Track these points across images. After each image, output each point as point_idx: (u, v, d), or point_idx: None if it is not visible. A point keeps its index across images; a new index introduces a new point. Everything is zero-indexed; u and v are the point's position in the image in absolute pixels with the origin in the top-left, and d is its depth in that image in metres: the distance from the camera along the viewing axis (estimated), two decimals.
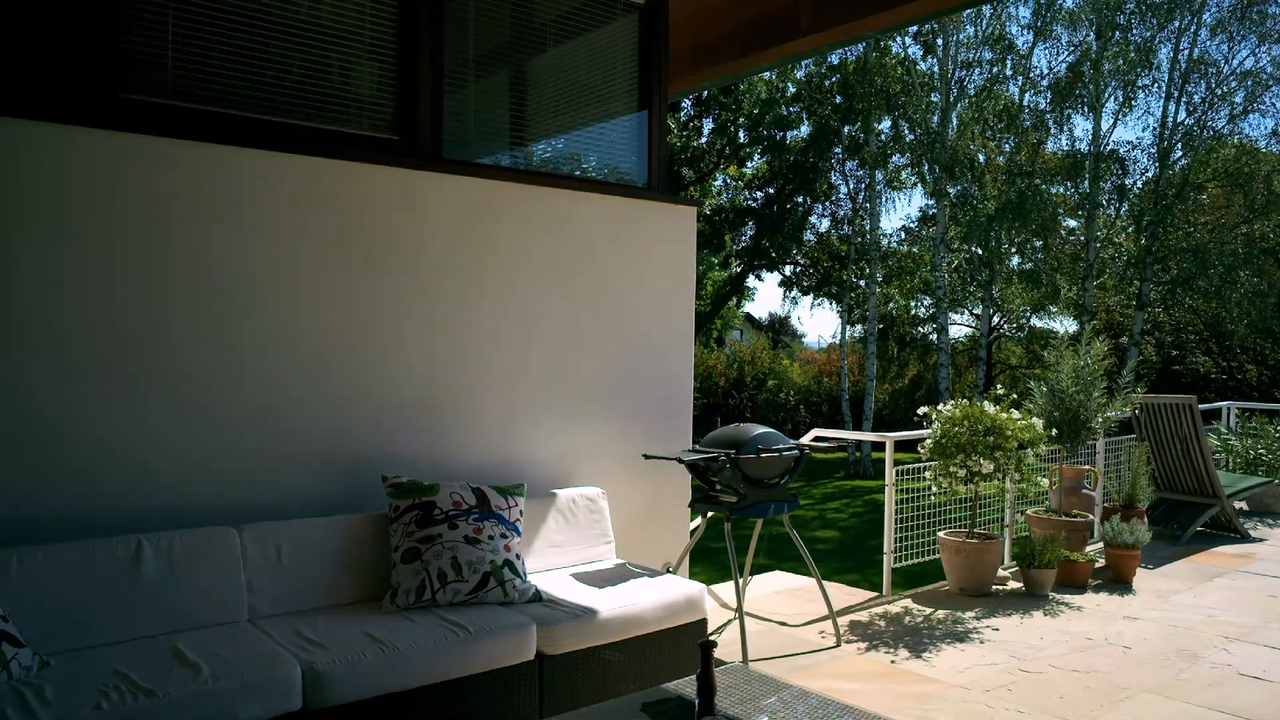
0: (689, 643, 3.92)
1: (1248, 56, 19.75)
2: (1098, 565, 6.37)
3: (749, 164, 27.11)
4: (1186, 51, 19.94)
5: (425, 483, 3.81)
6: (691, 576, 4.94)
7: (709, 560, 10.97)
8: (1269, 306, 22.00)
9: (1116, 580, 6.16)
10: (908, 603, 5.66)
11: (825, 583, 5.35)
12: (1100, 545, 6.49)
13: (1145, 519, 6.81)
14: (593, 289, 4.87)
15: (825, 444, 5.62)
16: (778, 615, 5.38)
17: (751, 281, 30.27)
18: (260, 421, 3.80)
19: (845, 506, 18.88)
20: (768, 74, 23.91)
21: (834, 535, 15.79)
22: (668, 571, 4.38)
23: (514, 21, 4.92)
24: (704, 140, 26.03)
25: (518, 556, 3.82)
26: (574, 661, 3.60)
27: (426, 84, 4.32)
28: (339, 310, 4.00)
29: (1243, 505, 8.53)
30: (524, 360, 4.59)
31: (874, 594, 5.89)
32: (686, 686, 2.89)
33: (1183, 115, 20.25)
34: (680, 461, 4.54)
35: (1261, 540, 7.48)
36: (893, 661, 4.61)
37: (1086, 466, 6.99)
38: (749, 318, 43.23)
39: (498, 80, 4.98)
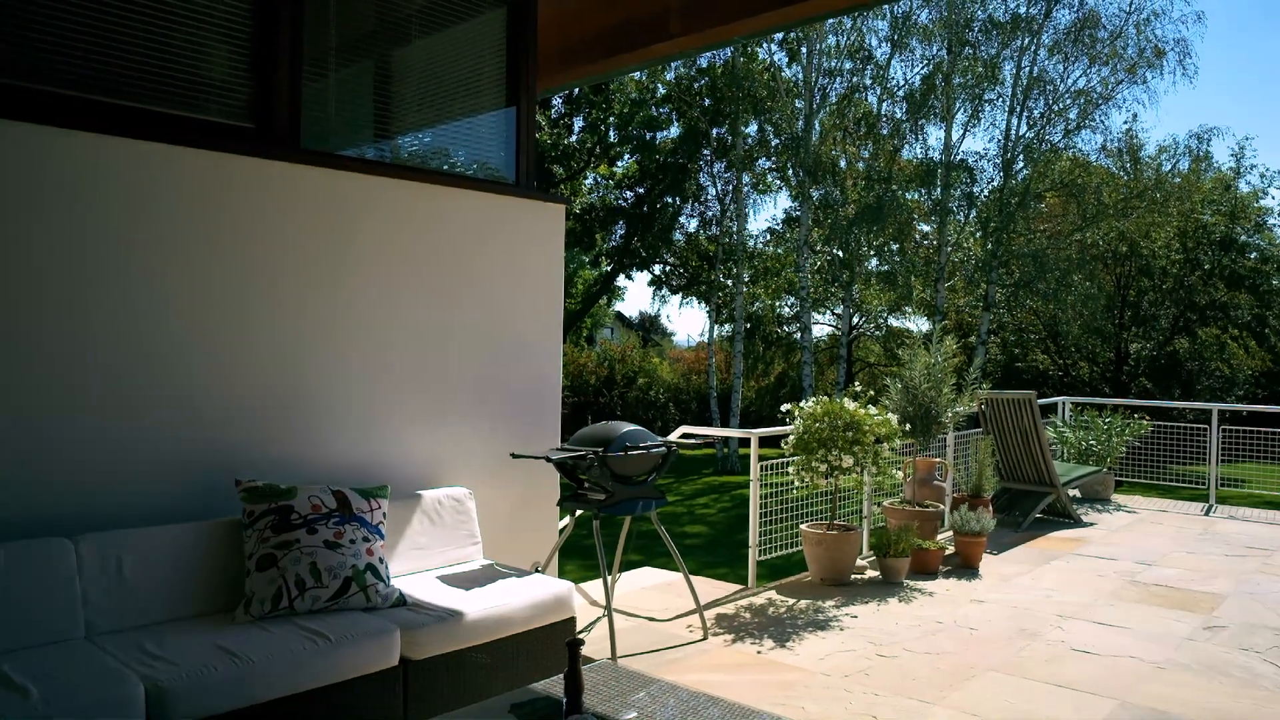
0: (558, 642, 3.91)
1: (1080, 76, 21.24)
2: (948, 552, 6.71)
3: (619, 163, 27.28)
4: (1028, 69, 21.27)
5: (282, 486, 3.66)
6: (562, 575, 4.93)
7: (580, 558, 10.99)
8: (1099, 308, 23.74)
9: (965, 566, 6.51)
10: (772, 594, 5.81)
11: (694, 577, 5.44)
12: (950, 533, 6.84)
13: (990, 507, 7.22)
14: (460, 286, 4.79)
15: (692, 441, 5.71)
16: (647, 611, 5.43)
17: (622, 280, 30.49)
18: (100, 422, 3.56)
19: (714, 502, 19.25)
20: (638, 74, 24.12)
21: (703, 530, 16.08)
22: (536, 571, 4.36)
23: (379, 9, 4.79)
24: (575, 138, 26.03)
25: (381, 560, 3.72)
26: (440, 665, 3.53)
27: (285, 69, 4.15)
28: (188, 306, 3.79)
29: (1076, 492, 9.17)
30: (388, 358, 4.47)
31: (740, 587, 6.03)
32: (555, 686, 2.88)
33: (1024, 129, 21.60)
34: (548, 460, 4.52)
35: (1092, 525, 8.06)
36: (759, 652, 4.73)
37: (937, 459, 7.36)
38: (619, 316, 43.51)
39: (362, 69, 4.83)
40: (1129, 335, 26.49)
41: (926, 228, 23.45)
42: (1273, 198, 26.41)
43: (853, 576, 6.15)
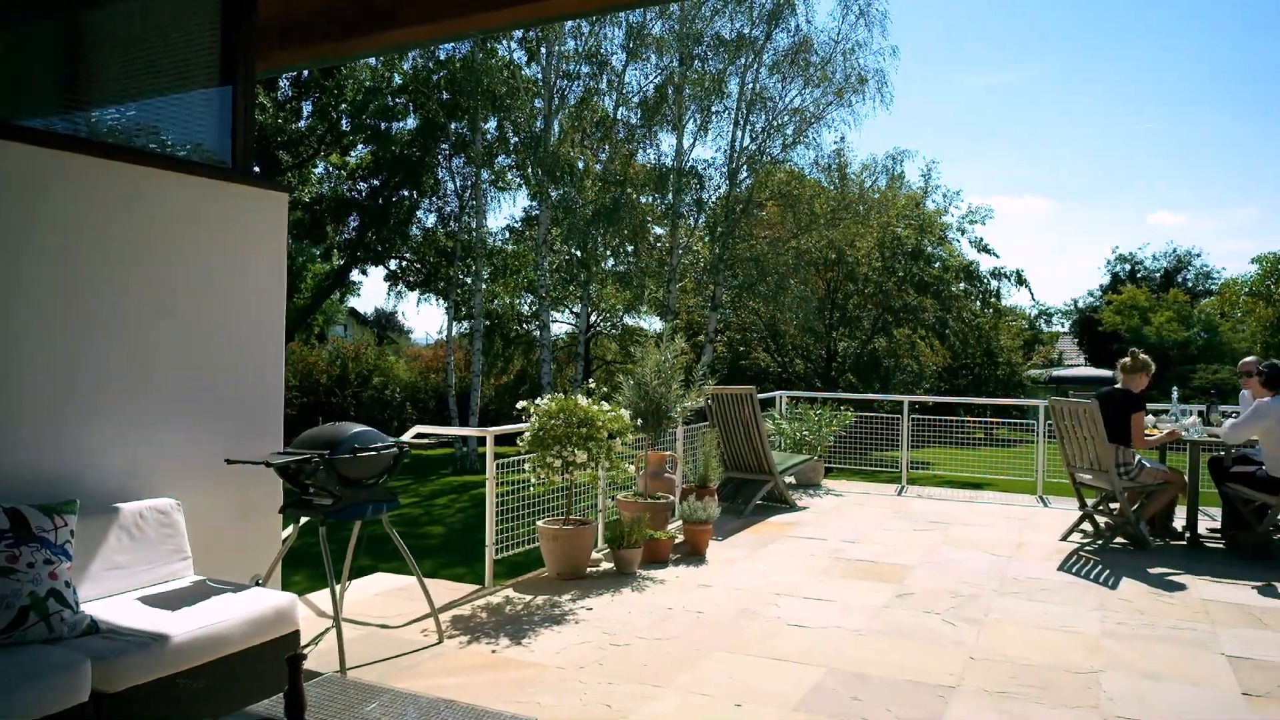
0: (282, 659, 3.66)
1: (796, 96, 23.04)
2: (678, 541, 7.03)
3: (352, 153, 26.13)
4: (751, 86, 22.76)
5: None
6: (288, 586, 4.64)
7: (311, 567, 10.39)
8: (812, 310, 25.88)
9: (693, 553, 6.85)
10: (509, 592, 5.81)
11: (432, 579, 5.32)
12: (680, 523, 7.17)
13: (716, 496, 7.65)
14: (168, 277, 4.36)
15: (427, 441, 5.59)
16: (380, 618, 5.24)
17: (356, 275, 29.27)
18: None
19: (453, 502, 18.96)
20: (372, 61, 23.21)
21: (441, 531, 15.78)
22: (256, 584, 4.06)
23: None
24: (303, 124, 24.61)
25: (68, 584, 3.31)
26: (142, 696, 3.20)
27: None
28: None
29: (792, 479, 9.93)
30: (79, 358, 3.98)
31: (478, 587, 5.97)
32: (276, 706, 2.70)
33: (748, 141, 23.09)
34: (268, 465, 4.23)
35: (805, 509, 8.76)
36: (494, 651, 4.70)
37: (668, 452, 7.70)
38: (353, 313, 41.77)
39: (48, 29, 4.27)
40: (838, 335, 29.12)
41: (660, 230, 24.47)
42: (952, 215, 29.96)
43: (589, 570, 6.28)
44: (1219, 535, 7.45)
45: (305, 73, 23.11)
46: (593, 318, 27.05)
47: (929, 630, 5.09)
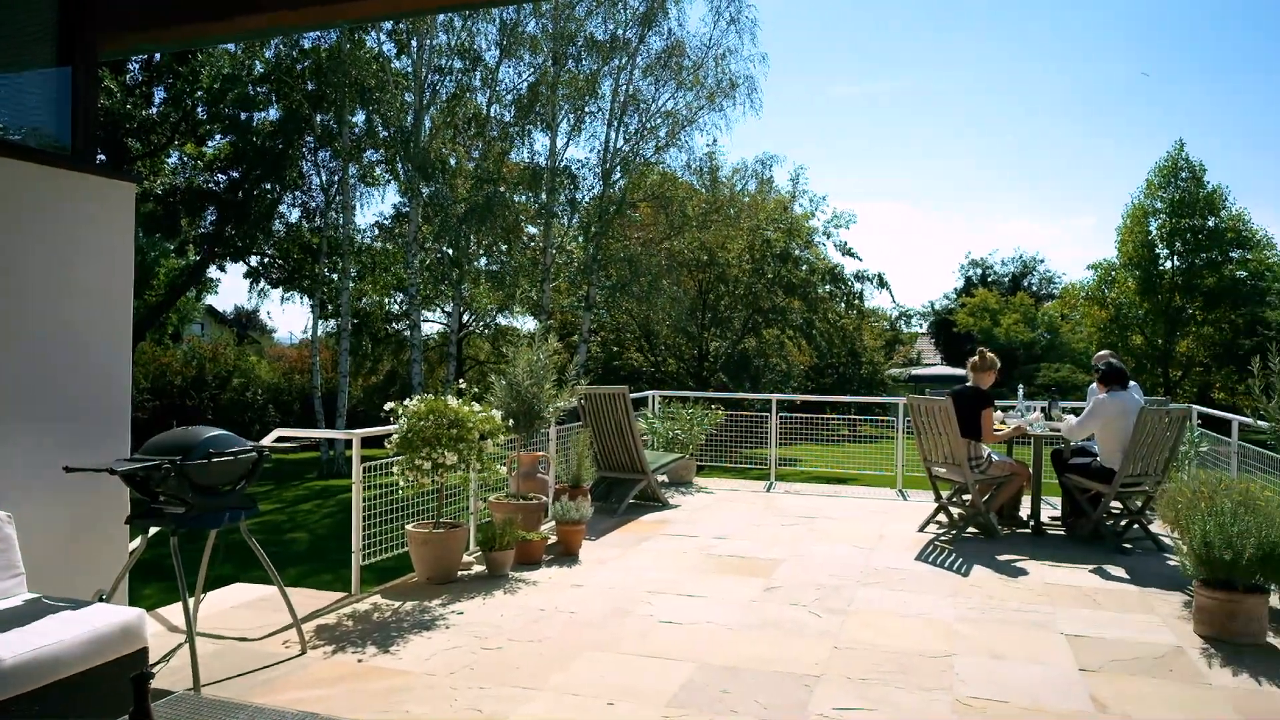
0: (127, 678, 3.45)
1: (669, 99, 23.32)
2: (551, 541, 7.00)
3: (210, 143, 24.88)
4: (625, 88, 22.89)
5: None
6: (138, 601, 4.38)
7: (165, 579, 9.84)
8: (685, 310, 26.26)
9: (566, 553, 6.83)
10: (377, 599, 5.65)
11: (296, 588, 5.12)
12: (553, 523, 7.14)
13: (589, 496, 7.66)
14: None
15: (289, 444, 5.36)
16: (238, 631, 5.00)
17: (214, 272, 27.88)
18: None
19: (318, 508, 18.32)
20: (231, 47, 22.18)
21: (306, 538, 15.22)
22: (100, 600, 3.81)
23: None
24: (155, 110, 23.27)
25: None
26: None
27: None
28: None
29: (664, 478, 10.04)
30: None
31: (344, 594, 5.78)
32: None
33: (621, 142, 23.22)
34: (112, 472, 3.97)
35: (677, 507, 8.88)
36: (361, 660, 4.56)
37: (540, 453, 7.66)
38: (211, 311, 39.85)
39: None
40: (709, 335, 29.66)
41: (533, 230, 24.33)
42: (819, 219, 30.99)
43: (460, 573, 6.17)
44: (1059, 522, 7.96)
45: (157, 56, 21.86)
46: (465, 317, 26.63)
47: (796, 622, 5.24)
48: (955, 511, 7.84)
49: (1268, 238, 34.73)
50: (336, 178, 23.66)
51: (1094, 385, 7.91)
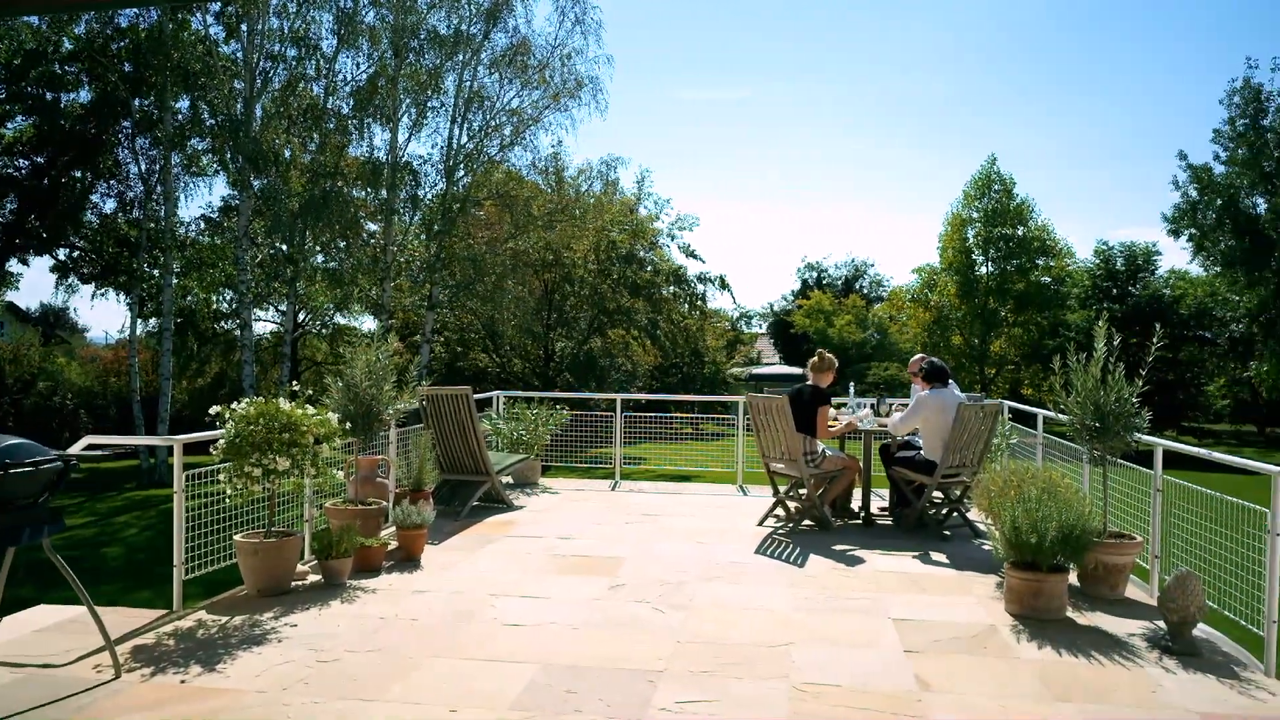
0: None
1: (514, 97, 23.11)
2: (391, 547, 6.79)
3: (10, 125, 22.80)
4: (469, 84, 22.53)
5: None
6: None
7: None
8: (530, 310, 26.12)
9: (408, 559, 6.65)
10: (202, 615, 5.32)
11: (111, 608, 4.76)
12: (394, 529, 6.94)
13: (431, 500, 7.48)
14: None
15: (100, 453, 4.98)
16: (41, 657, 4.60)
17: (15, 265, 25.55)
18: None
19: (138, 519, 17.13)
20: (35, 21, 20.40)
21: (122, 553, 14.19)
22: None
23: None
24: None
25: None
26: None
27: None
28: None
29: (509, 479, 9.94)
30: None
31: (165, 611, 5.41)
32: None
33: (465, 139, 22.83)
34: None
35: (522, 508, 8.81)
36: (184, 681, 4.28)
37: (380, 456, 7.43)
38: (12, 308, 36.60)
39: None
40: (555, 335, 29.63)
41: (374, 227, 23.56)
42: (663, 221, 31.52)
43: (294, 584, 5.90)
44: (888, 513, 8.40)
45: None
46: (301, 316, 25.51)
47: (640, 619, 5.30)
48: (792, 505, 8.14)
49: (1068, 247, 38.00)
50: (158, 167, 22.18)
51: (915, 385, 8.41)
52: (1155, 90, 67.57)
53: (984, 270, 36.59)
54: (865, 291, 56.23)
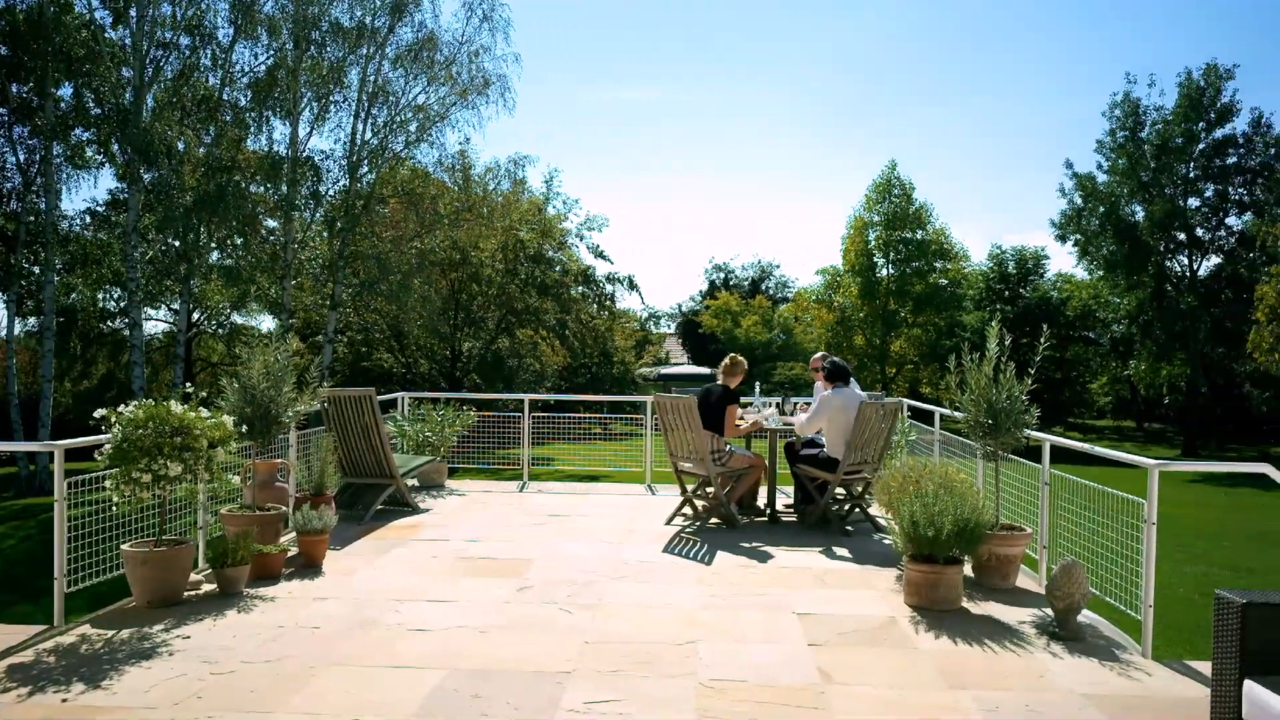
0: None
1: (421, 93, 22.70)
2: (291, 554, 6.59)
3: None
4: (373, 78, 22.02)
5: None
6: None
7: None
8: (436, 310, 25.71)
9: (308, 565, 6.46)
10: (86, 629, 5.06)
11: None
12: (294, 534, 6.74)
13: (334, 504, 7.29)
14: None
15: None
16: None
17: None
18: None
19: (15, 530, 16.23)
20: None
21: None
22: None
23: None
24: None
25: None
26: None
27: None
28: None
29: (414, 482, 9.76)
30: None
31: (45, 627, 5.13)
32: None
33: (369, 135, 22.32)
34: None
35: (428, 511, 8.66)
36: (65, 700, 4.06)
37: (279, 460, 7.20)
38: None
39: None
40: (462, 335, 29.25)
41: (273, 223, 22.83)
42: (572, 221, 31.43)
43: (187, 594, 5.67)
44: (792, 510, 8.56)
45: None
46: (195, 315, 24.54)
47: (548, 620, 5.27)
48: (699, 504, 8.22)
49: (964, 250, 39.44)
50: (38, 157, 21.01)
51: (817, 384, 8.59)
52: (1046, 99, 70.77)
53: (885, 272, 37.67)
54: (771, 292, 57.24)
